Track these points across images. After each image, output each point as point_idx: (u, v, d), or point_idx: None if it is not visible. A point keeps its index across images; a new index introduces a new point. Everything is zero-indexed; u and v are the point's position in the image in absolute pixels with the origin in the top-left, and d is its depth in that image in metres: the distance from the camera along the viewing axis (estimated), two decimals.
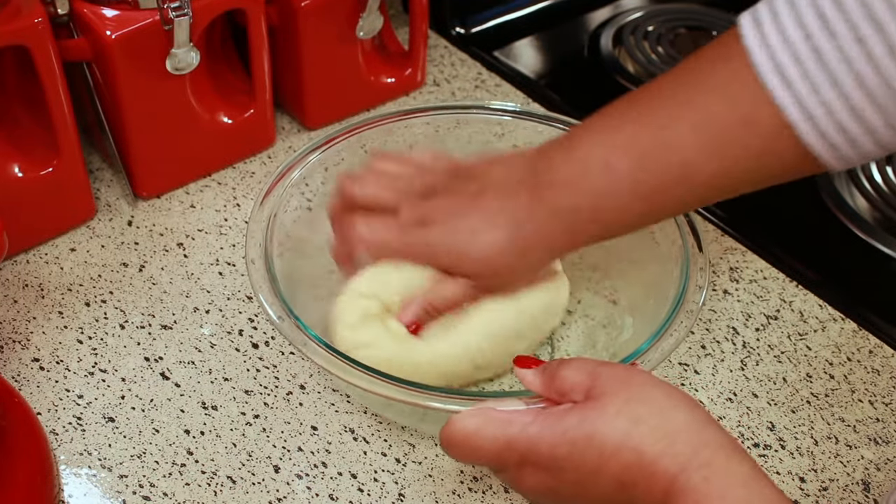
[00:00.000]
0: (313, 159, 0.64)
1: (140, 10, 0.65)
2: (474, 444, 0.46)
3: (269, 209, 0.60)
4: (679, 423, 0.43)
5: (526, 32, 0.95)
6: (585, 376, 0.45)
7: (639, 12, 0.97)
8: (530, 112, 0.69)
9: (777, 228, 0.75)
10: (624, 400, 0.43)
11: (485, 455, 0.46)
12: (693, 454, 0.41)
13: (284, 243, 0.60)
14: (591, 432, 0.43)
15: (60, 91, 0.63)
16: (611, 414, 0.43)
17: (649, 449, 0.42)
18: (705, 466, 0.41)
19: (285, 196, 0.62)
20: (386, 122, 0.67)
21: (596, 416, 0.43)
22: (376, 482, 0.57)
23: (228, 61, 0.76)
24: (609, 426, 0.43)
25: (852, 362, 0.65)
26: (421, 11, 0.79)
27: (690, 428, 0.43)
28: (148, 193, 0.74)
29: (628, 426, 0.42)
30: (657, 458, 0.41)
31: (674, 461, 0.41)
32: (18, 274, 0.68)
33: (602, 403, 0.43)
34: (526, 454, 0.45)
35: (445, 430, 0.46)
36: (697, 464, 0.41)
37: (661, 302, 0.58)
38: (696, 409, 0.44)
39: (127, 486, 0.56)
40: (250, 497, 0.56)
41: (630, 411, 0.43)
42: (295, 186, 0.63)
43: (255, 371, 0.63)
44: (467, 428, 0.46)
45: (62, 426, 0.59)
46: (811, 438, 0.61)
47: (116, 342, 0.64)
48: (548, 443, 0.44)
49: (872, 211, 0.76)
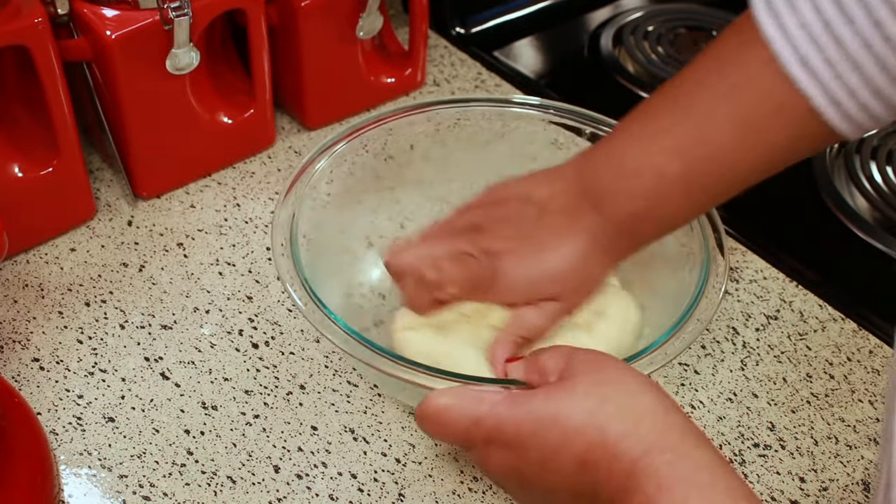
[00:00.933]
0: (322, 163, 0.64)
1: (140, 10, 0.65)
2: (444, 419, 0.47)
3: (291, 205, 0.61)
4: (646, 407, 0.43)
5: (526, 32, 0.95)
6: (560, 360, 0.46)
7: (639, 12, 0.97)
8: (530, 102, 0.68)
9: (777, 228, 0.75)
10: (593, 381, 0.44)
11: (454, 431, 0.47)
12: (658, 437, 0.41)
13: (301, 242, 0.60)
14: (556, 411, 0.43)
15: (60, 91, 0.63)
16: (578, 393, 0.43)
17: (614, 428, 0.42)
18: (670, 450, 0.41)
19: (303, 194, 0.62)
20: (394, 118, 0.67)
21: (563, 395, 0.43)
22: (376, 482, 0.57)
23: (228, 61, 0.76)
24: (575, 405, 0.43)
25: (852, 362, 0.65)
26: (421, 11, 0.79)
27: (657, 411, 0.43)
28: (148, 193, 0.74)
29: (594, 405, 0.42)
30: (621, 438, 0.41)
31: (638, 443, 0.41)
32: (18, 274, 0.68)
33: (571, 384, 0.44)
34: (492, 432, 0.45)
35: (420, 406, 0.47)
36: (661, 447, 0.41)
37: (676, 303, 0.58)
38: (664, 396, 0.44)
39: (127, 486, 0.56)
40: (250, 497, 0.56)
41: (598, 392, 0.43)
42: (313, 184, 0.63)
43: (255, 371, 0.63)
44: (439, 404, 0.47)
45: (62, 426, 0.59)
46: (811, 438, 0.61)
47: (116, 342, 0.64)
48: (514, 421, 0.44)
49: (872, 211, 0.76)
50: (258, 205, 0.74)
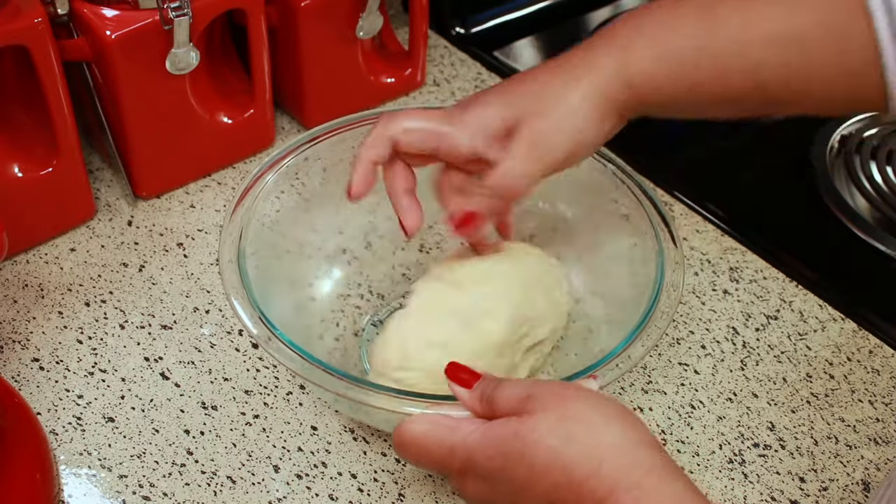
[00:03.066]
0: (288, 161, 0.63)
1: (140, 10, 0.65)
2: (421, 447, 0.46)
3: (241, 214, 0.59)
4: (610, 442, 0.42)
5: (526, 32, 0.95)
6: (522, 392, 0.45)
7: None
8: None
9: (777, 228, 0.75)
10: (557, 417, 0.43)
11: (430, 459, 0.47)
12: (622, 476, 0.41)
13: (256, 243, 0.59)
14: (522, 448, 0.43)
15: (60, 91, 0.63)
16: (542, 431, 0.42)
17: (577, 469, 0.41)
18: (635, 488, 0.40)
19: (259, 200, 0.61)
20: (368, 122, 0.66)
21: (528, 431, 0.43)
22: (376, 482, 0.57)
23: (228, 61, 0.76)
24: (540, 444, 0.42)
25: (852, 362, 0.65)
26: (421, 11, 0.79)
27: (623, 447, 0.42)
28: (148, 193, 0.74)
29: (559, 444, 0.42)
30: (585, 479, 0.41)
31: (602, 483, 0.41)
32: (18, 274, 0.68)
33: (535, 419, 0.43)
34: (466, 462, 0.45)
35: (396, 432, 0.47)
36: (627, 485, 0.41)
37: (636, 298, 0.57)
38: (632, 428, 0.43)
39: (127, 486, 0.56)
40: (250, 497, 0.56)
41: (561, 429, 0.42)
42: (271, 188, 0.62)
43: (254, 371, 0.63)
44: (415, 431, 0.46)
45: (62, 426, 0.59)
46: (811, 438, 0.61)
47: (116, 342, 0.64)
48: (484, 454, 0.44)
49: (872, 211, 0.76)
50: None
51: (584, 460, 0.41)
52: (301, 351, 0.52)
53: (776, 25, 0.50)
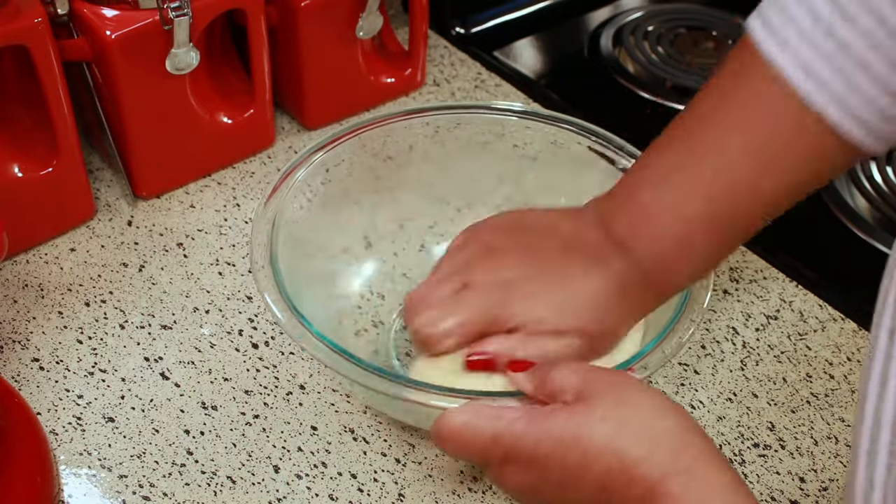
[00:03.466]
0: (316, 160, 0.64)
1: (140, 10, 0.65)
2: (462, 437, 0.46)
3: (273, 210, 0.60)
4: (663, 429, 0.43)
5: (526, 32, 0.95)
6: (576, 378, 0.45)
7: (639, 12, 0.97)
8: (531, 111, 0.68)
9: (777, 228, 0.75)
10: (611, 403, 0.43)
11: (472, 449, 0.46)
12: (673, 461, 0.41)
13: (286, 243, 0.60)
14: (577, 433, 0.43)
15: (60, 91, 0.63)
16: (597, 416, 0.43)
17: (632, 453, 0.42)
18: (684, 473, 0.41)
19: (289, 197, 0.61)
20: (388, 122, 0.66)
21: (583, 417, 0.43)
22: (376, 482, 0.57)
23: (228, 61, 0.76)
24: (595, 428, 0.42)
25: (852, 362, 0.65)
26: (421, 11, 0.79)
27: (674, 434, 0.43)
28: (148, 193, 0.74)
29: (613, 429, 0.42)
30: (638, 463, 0.41)
31: (654, 467, 0.41)
32: (18, 274, 0.68)
33: (590, 405, 0.43)
34: (510, 450, 0.45)
35: (436, 424, 0.47)
36: (676, 470, 0.41)
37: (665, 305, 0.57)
38: (682, 415, 0.44)
39: (127, 486, 0.56)
40: (250, 497, 0.56)
41: (616, 415, 0.43)
42: (298, 187, 0.62)
43: (255, 371, 0.63)
44: (457, 422, 0.46)
45: (62, 426, 0.59)
46: (811, 438, 0.61)
47: (116, 342, 0.64)
48: (532, 440, 0.44)
49: (872, 211, 0.76)
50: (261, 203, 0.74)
51: (638, 445, 0.42)
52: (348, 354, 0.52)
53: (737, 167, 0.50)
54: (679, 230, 0.51)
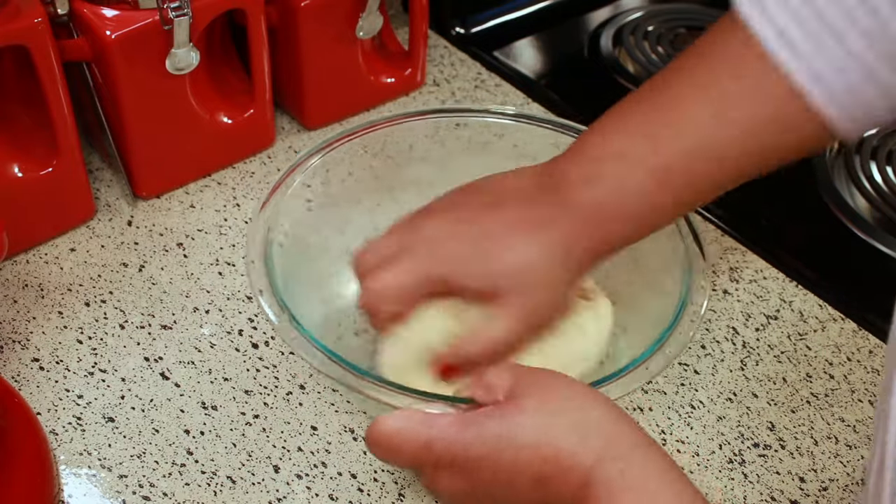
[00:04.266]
0: (315, 162, 0.64)
1: (140, 10, 0.65)
2: (394, 444, 0.46)
3: (270, 211, 0.60)
4: (594, 419, 0.43)
5: (526, 32, 0.95)
6: (507, 377, 0.46)
7: (639, 12, 0.97)
8: (532, 116, 0.68)
9: (777, 228, 0.75)
10: (541, 400, 0.44)
11: (404, 455, 0.46)
12: (607, 446, 0.42)
13: (285, 244, 0.60)
14: (508, 430, 0.43)
15: (60, 91, 0.63)
16: (528, 411, 0.43)
17: (565, 442, 0.42)
18: (620, 459, 0.42)
19: (288, 198, 0.61)
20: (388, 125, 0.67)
21: (513, 416, 0.43)
22: (376, 482, 0.57)
23: (228, 61, 0.76)
24: (527, 422, 0.43)
25: (852, 362, 0.65)
26: (421, 11, 0.79)
27: (606, 424, 0.43)
28: (148, 193, 0.74)
29: (545, 422, 0.43)
30: (572, 452, 0.42)
31: (589, 454, 0.42)
32: (18, 274, 0.68)
33: (519, 403, 0.44)
34: (442, 455, 0.45)
35: (369, 430, 0.47)
36: (612, 456, 0.42)
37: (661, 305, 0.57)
38: (612, 406, 0.44)
39: (127, 486, 0.56)
40: (250, 497, 0.56)
41: (547, 409, 0.43)
42: (297, 189, 0.62)
43: (255, 371, 0.63)
44: (389, 427, 0.46)
45: (62, 426, 0.59)
46: (811, 438, 0.61)
47: (116, 342, 0.64)
48: (463, 444, 0.44)
49: (872, 211, 0.76)
50: (258, 205, 0.74)
51: (569, 434, 0.42)
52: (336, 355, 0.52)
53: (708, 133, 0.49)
54: (620, 174, 0.50)
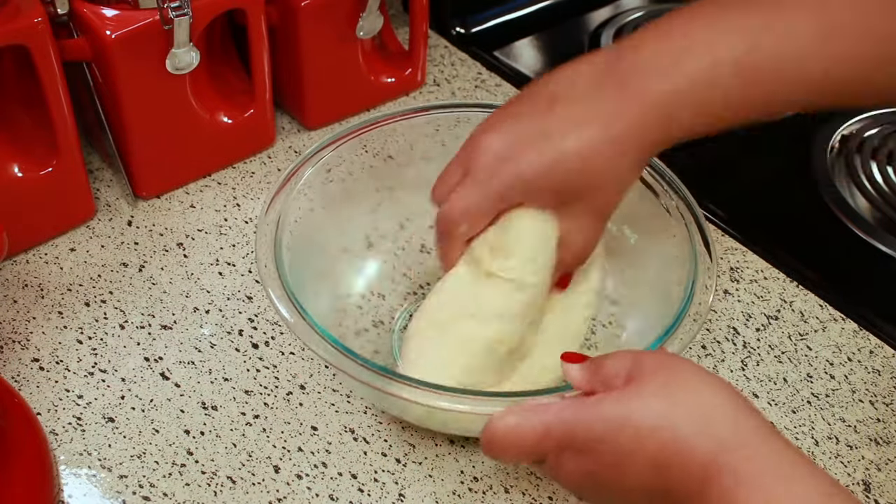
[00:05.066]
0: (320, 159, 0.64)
1: (140, 10, 0.65)
2: (514, 438, 0.45)
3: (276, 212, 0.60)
4: (716, 405, 0.42)
5: (526, 32, 0.95)
6: (627, 362, 0.44)
7: (639, 12, 0.97)
8: None
9: (777, 228, 0.75)
10: (661, 383, 0.42)
11: (525, 447, 0.45)
12: (732, 434, 0.40)
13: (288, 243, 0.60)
14: (628, 413, 0.42)
15: (60, 91, 0.63)
16: (648, 394, 0.42)
17: (686, 427, 0.41)
18: (745, 446, 0.40)
19: (291, 199, 0.61)
20: (391, 121, 0.66)
21: (633, 396, 0.42)
22: (376, 482, 0.57)
23: (228, 61, 0.76)
24: (646, 407, 0.42)
25: (853, 362, 0.65)
26: (421, 11, 0.79)
27: (728, 410, 0.42)
28: (148, 193, 0.74)
29: (665, 406, 0.41)
30: (694, 437, 0.40)
31: (711, 440, 0.40)
32: (18, 274, 0.68)
33: (639, 385, 0.43)
34: (562, 439, 0.44)
35: (486, 432, 0.46)
36: (736, 443, 0.40)
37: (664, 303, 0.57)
38: (735, 393, 0.43)
39: (127, 487, 0.56)
40: (250, 497, 0.56)
41: (667, 393, 0.42)
42: (299, 189, 0.62)
43: (255, 371, 0.63)
44: (507, 423, 0.45)
45: (62, 426, 0.59)
46: (812, 439, 0.61)
47: (116, 342, 0.64)
48: (584, 425, 0.43)
49: (873, 211, 0.76)
50: (258, 205, 0.74)
51: (692, 419, 0.41)
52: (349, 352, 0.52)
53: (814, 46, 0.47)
54: (705, 69, 0.47)
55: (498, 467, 0.58)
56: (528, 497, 0.57)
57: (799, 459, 0.40)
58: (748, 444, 0.40)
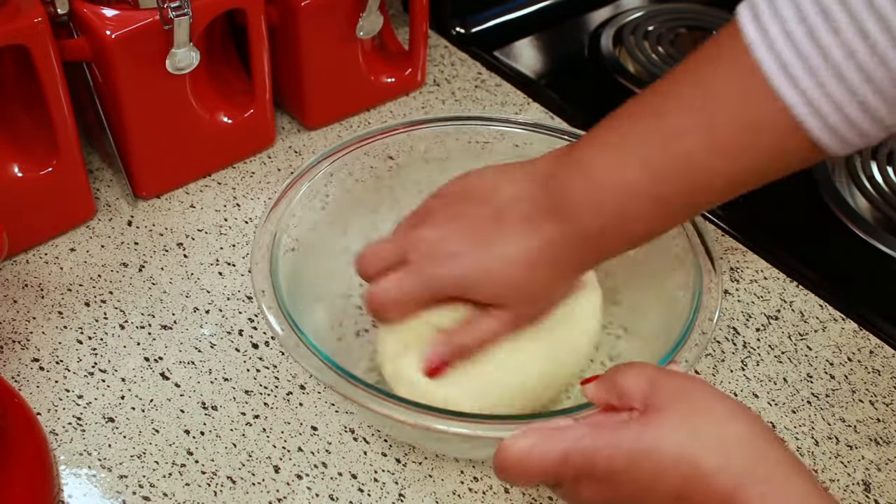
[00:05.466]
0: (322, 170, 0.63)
1: (140, 9, 0.65)
2: (529, 462, 0.45)
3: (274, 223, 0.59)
4: (737, 437, 0.42)
5: (526, 32, 0.95)
6: (644, 383, 0.44)
7: (639, 12, 0.97)
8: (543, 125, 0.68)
9: (777, 228, 0.75)
10: (683, 413, 0.43)
11: (541, 472, 0.45)
12: (751, 469, 0.41)
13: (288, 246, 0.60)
14: (649, 446, 0.42)
15: (60, 91, 0.63)
16: (669, 427, 0.42)
17: (706, 462, 0.41)
18: (763, 482, 0.40)
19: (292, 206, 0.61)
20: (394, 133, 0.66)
21: (654, 429, 0.42)
22: (376, 482, 0.57)
23: (228, 61, 0.76)
24: (667, 440, 0.42)
25: (853, 362, 0.65)
26: (421, 11, 0.79)
27: (750, 442, 0.42)
28: (148, 193, 0.74)
29: (686, 439, 0.42)
30: (714, 472, 0.41)
31: (730, 476, 0.41)
32: (18, 274, 0.68)
33: (660, 416, 0.43)
34: (582, 467, 0.44)
35: (499, 455, 0.46)
36: (754, 479, 0.40)
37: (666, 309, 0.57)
38: (757, 422, 0.43)
39: (127, 487, 0.56)
40: (250, 497, 0.56)
41: (688, 425, 0.42)
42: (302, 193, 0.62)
43: (255, 371, 0.63)
44: (522, 447, 0.45)
45: (62, 426, 0.59)
46: (812, 439, 0.61)
47: (116, 342, 0.64)
48: (604, 456, 0.43)
49: (873, 211, 0.76)
50: (258, 205, 0.74)
51: (713, 453, 0.41)
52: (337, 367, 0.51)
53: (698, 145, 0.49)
54: (624, 203, 0.50)
55: None
56: (528, 497, 0.57)
57: (813, 495, 0.40)
58: (765, 479, 0.40)
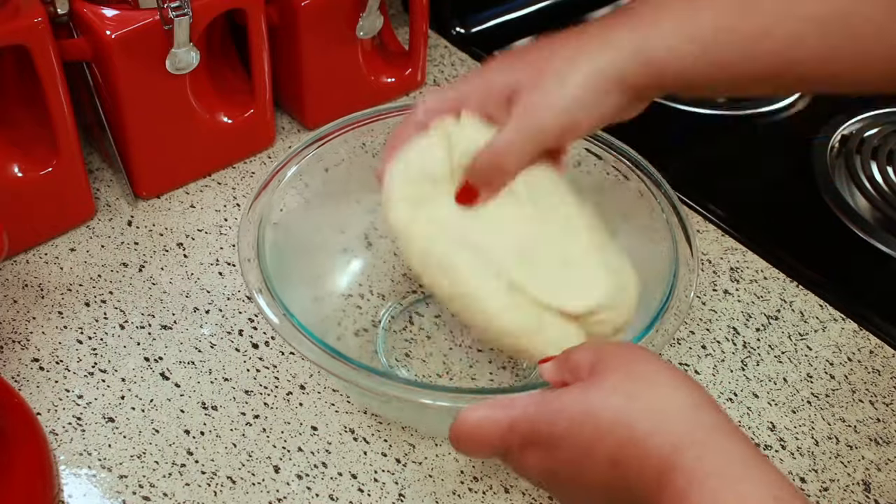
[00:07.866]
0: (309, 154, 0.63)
1: (140, 9, 0.65)
2: (481, 433, 0.46)
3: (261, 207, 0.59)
4: (675, 402, 0.42)
5: (526, 32, 0.95)
6: (591, 354, 0.45)
7: None
8: None
9: (777, 228, 0.75)
10: (622, 377, 0.43)
11: (490, 441, 0.46)
12: (686, 432, 0.41)
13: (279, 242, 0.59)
14: (587, 408, 0.42)
15: (60, 91, 0.63)
16: (607, 389, 0.42)
17: (641, 426, 0.41)
18: (699, 445, 0.40)
19: (283, 194, 0.61)
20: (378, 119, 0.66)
21: (593, 392, 0.43)
22: (376, 482, 0.57)
23: (228, 61, 0.76)
24: (604, 402, 0.42)
25: (853, 362, 0.65)
26: (421, 11, 0.79)
27: (686, 406, 0.42)
28: (148, 193, 0.74)
29: (623, 402, 0.42)
30: (650, 436, 0.41)
31: (666, 439, 0.40)
32: (18, 274, 0.68)
33: (600, 379, 0.43)
34: (526, 434, 0.44)
35: (454, 427, 0.46)
36: (690, 442, 0.40)
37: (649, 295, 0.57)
38: (696, 389, 0.43)
39: (127, 487, 0.56)
40: (250, 497, 0.56)
41: (626, 388, 0.42)
42: (292, 184, 0.62)
43: (255, 371, 0.63)
44: (474, 418, 0.46)
45: (62, 426, 0.59)
46: (812, 439, 0.61)
47: (116, 342, 0.64)
48: (546, 420, 0.43)
49: (873, 211, 0.76)
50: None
51: (649, 417, 0.41)
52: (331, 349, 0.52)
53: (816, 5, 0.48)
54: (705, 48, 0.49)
55: (498, 467, 0.58)
56: (528, 497, 0.57)
57: (752, 459, 0.40)
58: (702, 442, 0.40)
